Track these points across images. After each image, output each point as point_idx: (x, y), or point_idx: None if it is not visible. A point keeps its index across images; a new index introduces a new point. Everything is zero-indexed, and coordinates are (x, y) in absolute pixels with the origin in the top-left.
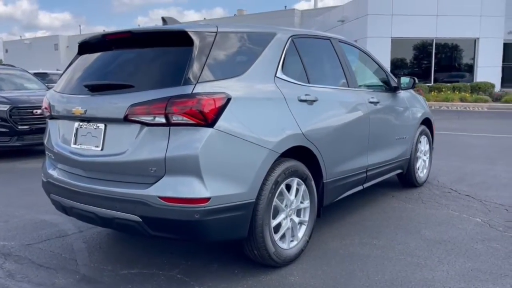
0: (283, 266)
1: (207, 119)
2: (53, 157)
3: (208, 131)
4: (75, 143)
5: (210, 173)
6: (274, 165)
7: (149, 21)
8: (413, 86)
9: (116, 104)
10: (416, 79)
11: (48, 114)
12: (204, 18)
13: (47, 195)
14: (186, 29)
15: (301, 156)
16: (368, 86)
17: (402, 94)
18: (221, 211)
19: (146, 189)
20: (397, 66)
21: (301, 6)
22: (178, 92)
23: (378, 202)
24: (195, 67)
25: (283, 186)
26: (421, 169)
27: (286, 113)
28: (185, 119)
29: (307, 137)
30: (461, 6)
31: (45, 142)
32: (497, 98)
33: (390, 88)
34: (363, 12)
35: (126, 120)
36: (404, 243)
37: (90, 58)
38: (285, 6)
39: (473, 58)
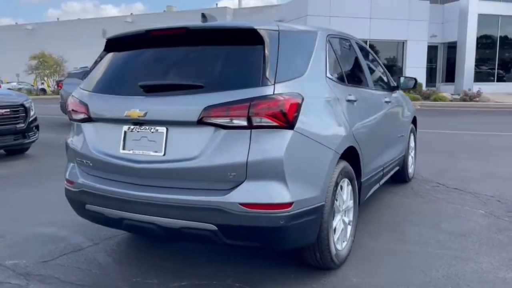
0: (338, 267)
1: (289, 121)
2: (90, 164)
3: (289, 133)
4: (124, 149)
5: (292, 176)
6: (336, 167)
7: (62, 14)
8: (414, 86)
9: (186, 106)
10: (417, 79)
11: (83, 116)
12: (131, 14)
13: (77, 206)
14: (255, 27)
15: (348, 157)
16: (377, 86)
17: (397, 93)
18: (300, 216)
19: (224, 195)
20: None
21: (222, 4)
22: (259, 93)
23: (380, 199)
24: (270, 67)
25: (339, 187)
26: (410, 165)
27: (341, 114)
28: (268, 121)
29: (355, 137)
30: (391, 11)
31: (73, 147)
32: (426, 97)
33: (390, 88)
34: (303, 13)
35: (200, 123)
36: (433, 238)
37: (129, 56)
38: (216, 4)
39: (402, 59)
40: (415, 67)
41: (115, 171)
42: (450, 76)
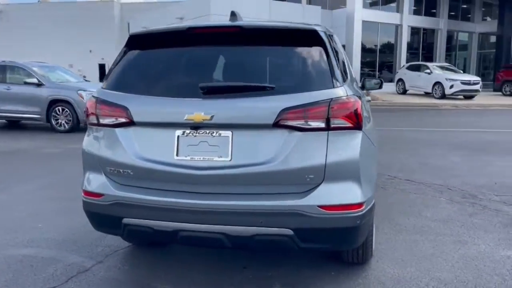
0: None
1: (359, 122)
2: (130, 173)
3: (360, 133)
4: (178, 155)
5: (363, 176)
6: None
7: None
8: (380, 87)
9: (261, 108)
10: (383, 80)
11: (120, 120)
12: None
13: (106, 222)
14: (316, 28)
15: None
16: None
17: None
18: (367, 215)
19: (301, 199)
20: None
21: None
22: (335, 95)
23: None
24: (334, 68)
25: None
26: None
27: (369, 114)
28: (344, 123)
29: None
30: (288, 15)
31: (101, 155)
32: None
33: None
34: (206, 11)
35: (276, 126)
36: (426, 226)
37: (170, 54)
38: None
39: None
40: None
41: (168, 179)
42: None
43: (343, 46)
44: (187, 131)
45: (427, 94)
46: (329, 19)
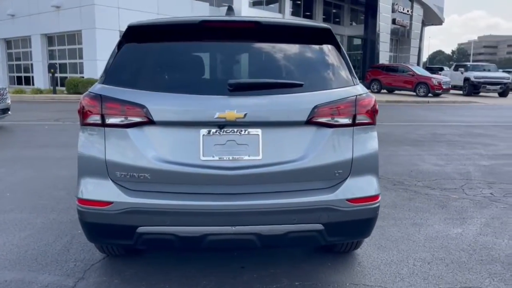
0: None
1: (375, 118)
2: (147, 177)
3: (375, 129)
4: (204, 155)
5: (378, 169)
6: None
7: None
8: None
9: (294, 105)
10: None
11: (135, 120)
12: None
13: (116, 232)
14: (329, 27)
15: None
16: None
17: None
18: (379, 206)
19: (331, 193)
20: None
21: None
22: (357, 92)
23: None
24: (351, 66)
25: None
26: None
27: None
28: (366, 118)
29: None
30: (176, 8)
31: (109, 159)
32: None
33: None
34: (88, 1)
35: (309, 123)
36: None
37: (183, 48)
38: None
39: None
40: None
41: (194, 181)
42: None
43: None
44: (213, 130)
45: None
46: (217, 14)
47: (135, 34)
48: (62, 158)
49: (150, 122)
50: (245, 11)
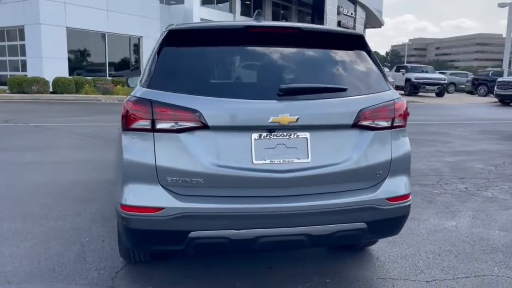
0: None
1: (407, 121)
2: (200, 182)
3: (406, 131)
4: (256, 159)
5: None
6: None
7: None
8: None
9: (342, 109)
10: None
11: (188, 125)
12: None
13: (167, 238)
14: (362, 34)
15: None
16: None
17: None
18: None
19: (373, 193)
20: (77, 58)
21: None
22: (394, 96)
23: None
24: (383, 71)
25: None
26: None
27: None
28: (401, 121)
29: None
30: (126, 5)
31: (160, 164)
32: None
33: None
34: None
35: (355, 126)
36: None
37: (226, 53)
38: None
39: (139, 55)
40: None
41: (246, 185)
42: None
43: None
44: (264, 134)
45: None
46: (167, 14)
47: (177, 38)
48: (32, 163)
49: (204, 127)
50: (197, 9)
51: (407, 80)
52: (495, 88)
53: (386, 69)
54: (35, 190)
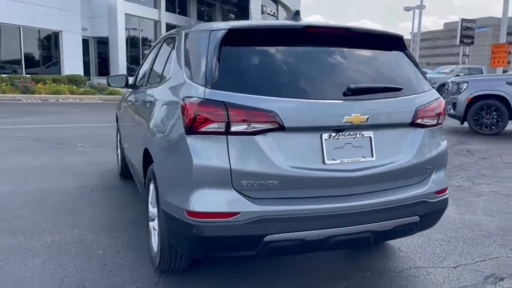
0: None
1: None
2: (275, 184)
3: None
4: (327, 159)
5: None
6: None
7: None
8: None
9: (402, 108)
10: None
11: (269, 126)
12: None
13: (241, 244)
14: (402, 36)
15: None
16: None
17: None
18: None
19: (424, 187)
20: None
21: None
22: (437, 95)
23: None
24: (422, 71)
25: None
26: None
27: None
28: (442, 119)
29: None
30: (43, 2)
31: (235, 168)
32: (100, 90)
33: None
34: None
35: (412, 124)
36: None
37: (284, 52)
38: None
39: (59, 51)
40: (72, 59)
41: (318, 185)
42: (103, 70)
43: (107, 39)
44: (333, 134)
45: None
46: (88, 7)
47: (237, 37)
48: None
49: (280, 128)
50: (120, 4)
51: None
52: None
53: None
54: (8, 201)
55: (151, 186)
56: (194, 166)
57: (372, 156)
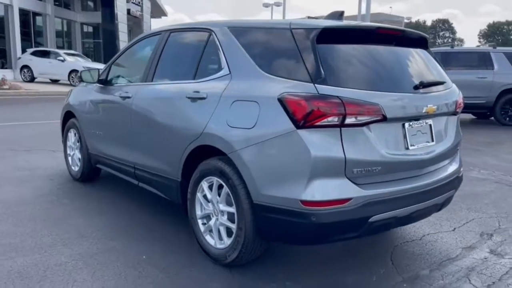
0: None
1: None
2: (377, 170)
3: None
4: (409, 145)
5: None
6: None
7: None
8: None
9: (451, 99)
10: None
11: (372, 118)
12: None
13: (351, 227)
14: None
15: None
16: None
17: None
18: None
19: (457, 165)
20: None
21: None
22: (457, 88)
23: None
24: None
25: None
26: None
27: None
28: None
29: None
30: None
31: (350, 157)
32: None
33: None
34: None
35: (453, 113)
36: None
37: (365, 50)
38: None
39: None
40: None
41: (403, 168)
42: None
43: None
44: (411, 123)
45: (56, 82)
46: None
47: (329, 36)
48: None
49: (383, 119)
50: None
51: None
52: None
53: None
54: None
55: (215, 183)
56: (312, 158)
57: (433, 140)
